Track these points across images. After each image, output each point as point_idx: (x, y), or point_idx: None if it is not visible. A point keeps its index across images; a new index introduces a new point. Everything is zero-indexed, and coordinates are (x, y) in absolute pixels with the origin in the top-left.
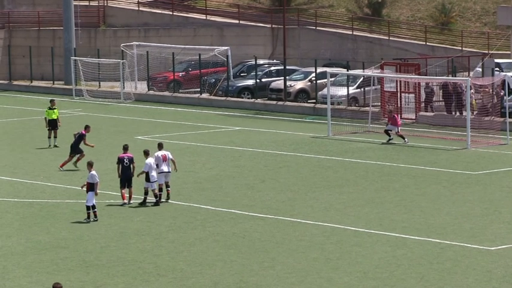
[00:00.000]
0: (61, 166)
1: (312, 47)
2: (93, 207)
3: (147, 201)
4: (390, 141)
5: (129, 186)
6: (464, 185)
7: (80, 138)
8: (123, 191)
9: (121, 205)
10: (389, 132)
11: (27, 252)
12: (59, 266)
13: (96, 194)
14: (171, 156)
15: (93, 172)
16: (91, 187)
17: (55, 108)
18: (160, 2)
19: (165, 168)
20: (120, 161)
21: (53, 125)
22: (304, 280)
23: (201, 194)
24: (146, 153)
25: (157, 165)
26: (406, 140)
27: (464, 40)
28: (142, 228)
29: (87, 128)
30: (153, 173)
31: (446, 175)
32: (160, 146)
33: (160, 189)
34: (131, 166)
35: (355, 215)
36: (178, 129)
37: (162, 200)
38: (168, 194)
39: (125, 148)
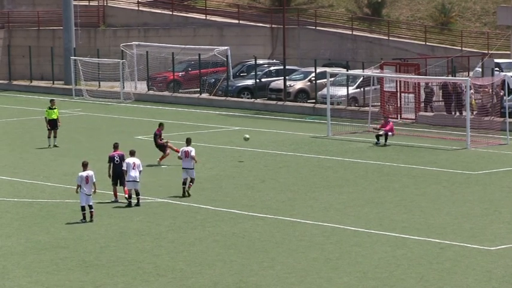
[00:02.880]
0: (160, 160)
1: (312, 47)
2: (90, 207)
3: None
4: (378, 144)
5: (122, 183)
6: (464, 185)
7: (155, 137)
8: (116, 188)
9: (112, 201)
10: (379, 136)
11: (27, 252)
12: (59, 266)
13: (76, 192)
14: (193, 154)
15: (80, 173)
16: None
17: (55, 108)
18: (160, 2)
19: (185, 164)
20: (111, 159)
21: (52, 125)
22: (304, 280)
23: (201, 194)
24: (131, 153)
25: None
26: (380, 142)
27: (464, 40)
28: (142, 228)
29: (160, 125)
30: (131, 173)
31: (446, 175)
32: (188, 142)
33: (184, 183)
34: (122, 164)
35: (354, 215)
36: (178, 129)
37: (186, 193)
38: (188, 188)
39: (115, 146)
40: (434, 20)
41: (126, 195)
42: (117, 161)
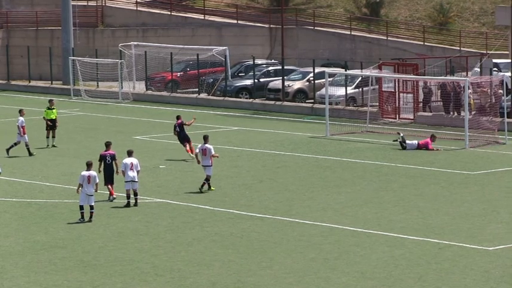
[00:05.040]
0: (194, 155)
1: (310, 47)
2: (91, 207)
3: (131, 201)
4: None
5: (111, 182)
6: (462, 185)
7: (181, 127)
8: (109, 186)
9: (110, 200)
10: (402, 138)
11: (25, 252)
12: (57, 266)
13: (77, 191)
14: (212, 152)
15: (83, 172)
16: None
17: (54, 108)
18: (158, 2)
19: (204, 161)
20: (103, 158)
21: (51, 125)
22: (302, 280)
23: (199, 194)
24: (128, 153)
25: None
26: (401, 138)
27: (462, 40)
28: (141, 228)
29: (179, 117)
30: (129, 173)
31: (445, 175)
32: (205, 139)
33: (208, 179)
34: (113, 163)
35: (353, 215)
36: None
37: (205, 190)
38: (208, 185)
39: (107, 145)
40: (432, 20)
41: (113, 197)
42: (108, 161)
